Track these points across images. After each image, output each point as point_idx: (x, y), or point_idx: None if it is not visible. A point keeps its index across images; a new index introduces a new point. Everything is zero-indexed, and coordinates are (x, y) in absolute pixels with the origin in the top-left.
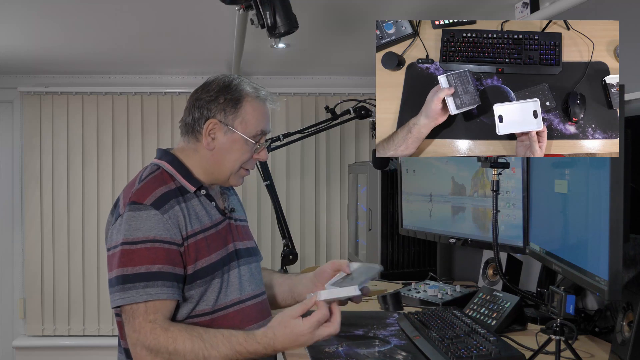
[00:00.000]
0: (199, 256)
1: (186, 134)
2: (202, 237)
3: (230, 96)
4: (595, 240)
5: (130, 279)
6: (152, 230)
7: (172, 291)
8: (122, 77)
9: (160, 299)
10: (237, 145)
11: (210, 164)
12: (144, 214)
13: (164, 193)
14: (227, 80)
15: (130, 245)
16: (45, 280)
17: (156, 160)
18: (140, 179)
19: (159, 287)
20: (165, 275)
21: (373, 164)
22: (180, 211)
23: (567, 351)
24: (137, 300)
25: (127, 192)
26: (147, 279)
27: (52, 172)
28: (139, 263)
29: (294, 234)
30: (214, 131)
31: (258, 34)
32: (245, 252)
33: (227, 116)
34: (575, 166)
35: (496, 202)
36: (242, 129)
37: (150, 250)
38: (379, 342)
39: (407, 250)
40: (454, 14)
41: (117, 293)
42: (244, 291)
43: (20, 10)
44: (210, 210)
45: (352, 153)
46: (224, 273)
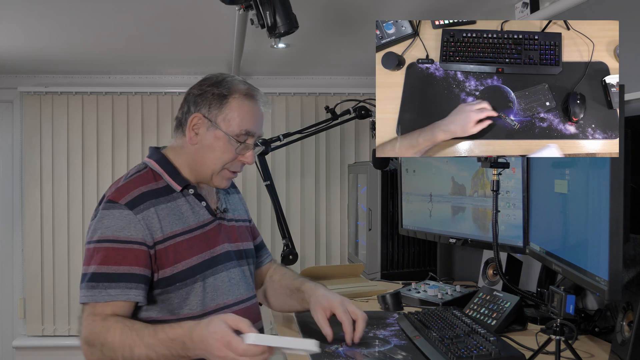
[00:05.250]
0: (178, 258)
1: (175, 129)
2: (184, 239)
3: (218, 91)
4: (595, 240)
5: (95, 278)
6: (122, 230)
7: (135, 293)
8: (122, 77)
9: (120, 301)
10: (219, 143)
11: (194, 160)
12: (117, 213)
13: (142, 193)
14: (222, 76)
15: (100, 244)
16: (45, 280)
17: (146, 159)
18: (126, 176)
19: (120, 289)
20: (129, 277)
21: (373, 164)
22: (156, 213)
23: (567, 351)
24: (99, 300)
25: (110, 189)
26: (110, 279)
27: (52, 172)
28: (104, 263)
29: (294, 234)
30: (198, 126)
31: (258, 34)
32: (237, 254)
33: (212, 111)
34: (575, 166)
35: (496, 202)
36: (225, 127)
37: (118, 251)
38: (379, 342)
39: (407, 250)
40: (454, 14)
41: (83, 290)
42: (232, 295)
43: (20, 10)
44: (198, 210)
45: (352, 153)
46: (207, 277)
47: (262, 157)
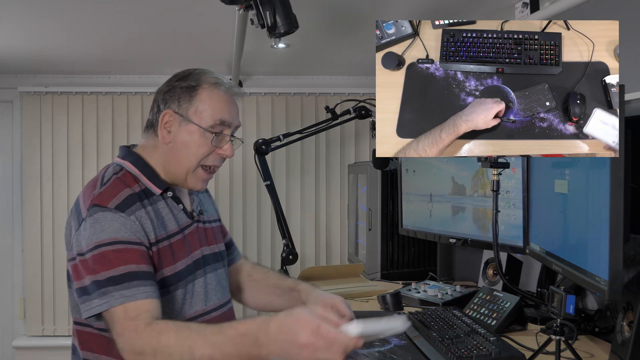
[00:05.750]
0: (163, 264)
1: (146, 129)
2: (167, 244)
3: (186, 84)
4: (595, 240)
5: (103, 284)
6: (119, 232)
7: (150, 290)
8: (122, 77)
9: (139, 300)
10: (193, 137)
11: (167, 160)
12: (109, 216)
13: (128, 195)
14: (188, 71)
15: (98, 249)
16: (45, 280)
17: (119, 160)
18: (102, 182)
19: (134, 288)
20: (140, 275)
21: (373, 164)
22: (147, 214)
23: (567, 351)
24: (114, 304)
25: (86, 195)
26: (121, 281)
27: (52, 172)
28: (109, 267)
29: (294, 234)
30: (170, 123)
31: (258, 34)
32: (213, 257)
33: (182, 105)
34: (575, 166)
35: (496, 202)
36: (198, 119)
37: (120, 252)
38: (379, 342)
39: (407, 250)
40: (454, 14)
41: (94, 300)
42: (210, 301)
43: (20, 10)
44: (177, 213)
45: (352, 153)
46: (188, 283)
47: (262, 157)
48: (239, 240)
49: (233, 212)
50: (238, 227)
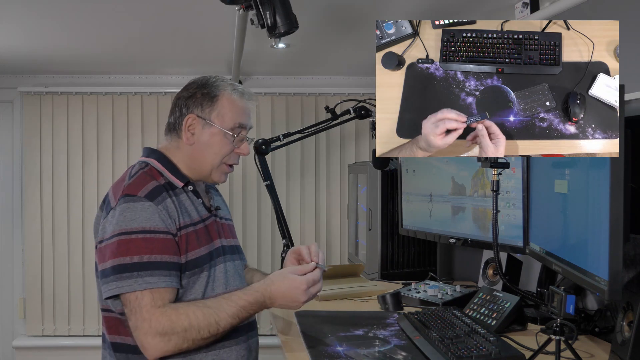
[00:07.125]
0: (189, 248)
1: (169, 132)
2: (192, 230)
3: (207, 91)
4: (595, 240)
5: (128, 268)
6: (148, 221)
7: (171, 280)
8: (122, 77)
9: (161, 287)
10: (215, 138)
11: (192, 159)
12: (139, 205)
13: (155, 186)
14: (205, 78)
15: (127, 236)
16: (45, 280)
17: (143, 158)
18: (130, 175)
19: (157, 277)
20: (163, 265)
21: (373, 164)
22: (172, 203)
23: (567, 351)
24: (137, 288)
25: (117, 188)
26: (145, 268)
27: (52, 172)
28: (136, 253)
29: (294, 234)
30: (193, 126)
31: (258, 34)
32: (230, 249)
33: (204, 110)
34: (575, 166)
35: (496, 202)
36: (220, 122)
37: (147, 241)
38: (379, 342)
39: (407, 250)
40: (454, 14)
41: (113, 282)
42: (230, 286)
43: (20, 10)
44: (197, 206)
45: (352, 153)
46: (211, 267)
47: (262, 157)
48: (239, 240)
49: (233, 212)
50: (238, 227)
